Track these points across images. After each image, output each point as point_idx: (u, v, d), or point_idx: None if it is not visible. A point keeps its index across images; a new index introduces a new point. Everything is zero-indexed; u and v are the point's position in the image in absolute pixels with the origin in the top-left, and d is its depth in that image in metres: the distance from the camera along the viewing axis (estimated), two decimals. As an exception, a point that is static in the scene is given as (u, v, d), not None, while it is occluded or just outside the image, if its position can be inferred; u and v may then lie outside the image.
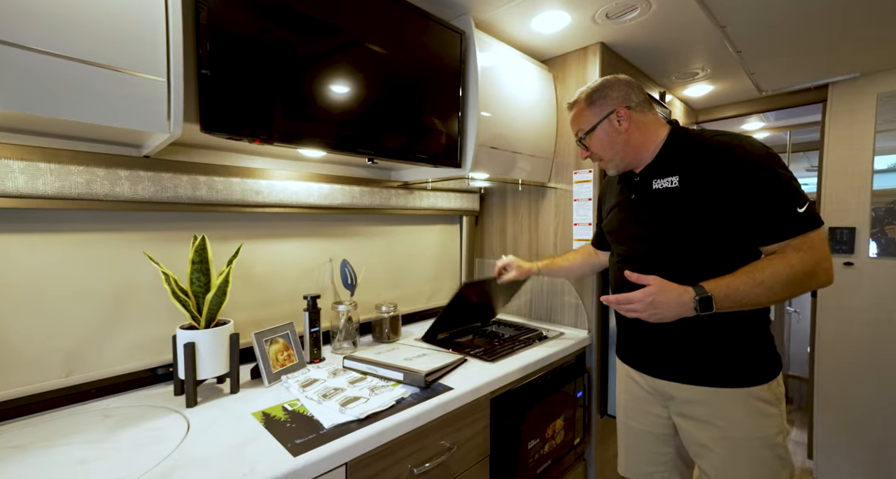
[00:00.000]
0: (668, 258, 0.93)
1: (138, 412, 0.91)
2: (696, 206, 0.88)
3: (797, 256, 0.80)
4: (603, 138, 0.98)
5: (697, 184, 0.88)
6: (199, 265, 0.98)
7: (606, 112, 0.97)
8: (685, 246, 0.91)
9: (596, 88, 0.99)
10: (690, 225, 0.89)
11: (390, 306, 1.47)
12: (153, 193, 0.99)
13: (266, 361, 1.09)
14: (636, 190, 1.01)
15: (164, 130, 0.71)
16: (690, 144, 0.92)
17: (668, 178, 0.93)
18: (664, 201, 0.94)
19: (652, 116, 0.98)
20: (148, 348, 1.06)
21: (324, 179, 1.36)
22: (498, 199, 1.90)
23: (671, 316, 0.85)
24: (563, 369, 1.45)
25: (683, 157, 0.92)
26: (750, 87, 2.13)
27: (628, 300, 0.87)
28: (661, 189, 0.94)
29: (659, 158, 0.96)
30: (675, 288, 0.84)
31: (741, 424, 0.89)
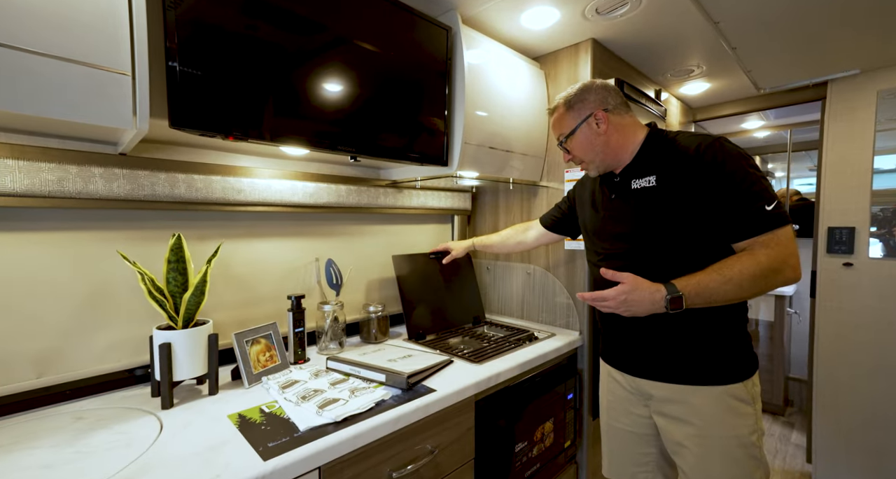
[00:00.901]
0: (647, 255, 0.96)
1: (112, 415, 0.89)
2: (673, 204, 0.91)
3: (764, 252, 0.82)
4: (583, 141, 1.01)
5: (673, 183, 0.91)
6: (176, 265, 0.96)
7: (585, 115, 1.00)
8: (663, 243, 0.93)
9: (574, 93, 1.03)
10: (668, 223, 0.92)
11: (378, 307, 1.45)
12: (129, 192, 0.97)
13: (246, 362, 1.07)
14: (616, 190, 1.03)
15: (129, 126, 0.70)
16: (666, 146, 0.96)
17: (646, 177, 0.96)
18: (643, 200, 0.97)
19: (629, 119, 1.02)
20: (125, 349, 1.05)
21: (309, 177, 1.34)
22: (490, 198, 1.88)
23: (642, 312, 0.88)
24: (554, 371, 1.42)
25: (660, 157, 0.95)
26: (748, 84, 2.10)
27: (602, 298, 0.90)
28: (640, 189, 0.97)
29: (637, 158, 0.99)
30: (647, 286, 0.87)
31: (716, 422, 0.91)
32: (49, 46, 0.63)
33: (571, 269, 1.58)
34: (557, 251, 1.62)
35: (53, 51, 0.63)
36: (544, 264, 1.67)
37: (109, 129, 0.77)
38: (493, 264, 1.87)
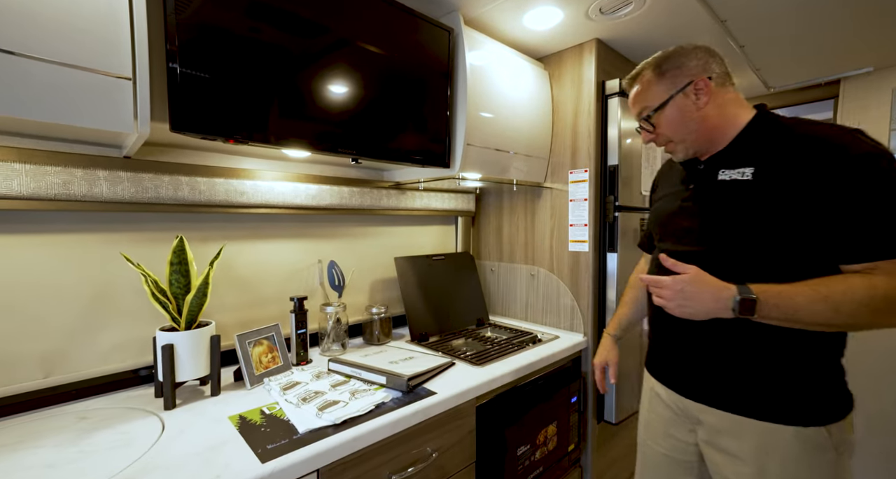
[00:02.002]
0: (722, 265, 0.77)
1: (115, 415, 0.91)
2: (770, 206, 0.73)
3: (885, 279, 0.65)
4: (675, 116, 0.83)
5: (776, 179, 0.73)
6: (178, 266, 0.97)
7: (682, 84, 0.81)
8: (746, 253, 0.76)
9: (666, 56, 0.84)
10: (758, 228, 0.75)
11: (381, 308, 1.45)
12: (133, 194, 0.99)
13: (248, 363, 1.08)
14: (696, 180, 0.87)
15: (130, 130, 0.71)
16: (777, 133, 0.77)
17: (739, 169, 0.79)
18: (729, 196, 0.79)
19: (733, 95, 0.83)
20: (130, 350, 1.06)
21: (311, 179, 1.35)
22: (494, 199, 1.87)
23: (702, 312, 0.73)
24: (557, 373, 1.41)
25: (765, 146, 0.77)
26: (757, 83, 2.07)
27: (657, 283, 0.77)
28: (729, 181, 0.80)
29: (734, 145, 0.82)
30: (713, 282, 0.73)
31: (780, 470, 0.74)
32: (50, 52, 0.64)
33: (576, 270, 1.57)
34: (562, 253, 1.61)
35: (54, 57, 0.64)
36: (548, 266, 1.66)
37: (112, 132, 0.79)
38: (497, 266, 1.86)
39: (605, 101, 1.55)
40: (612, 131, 1.53)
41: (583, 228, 1.54)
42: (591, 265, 1.52)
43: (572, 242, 1.57)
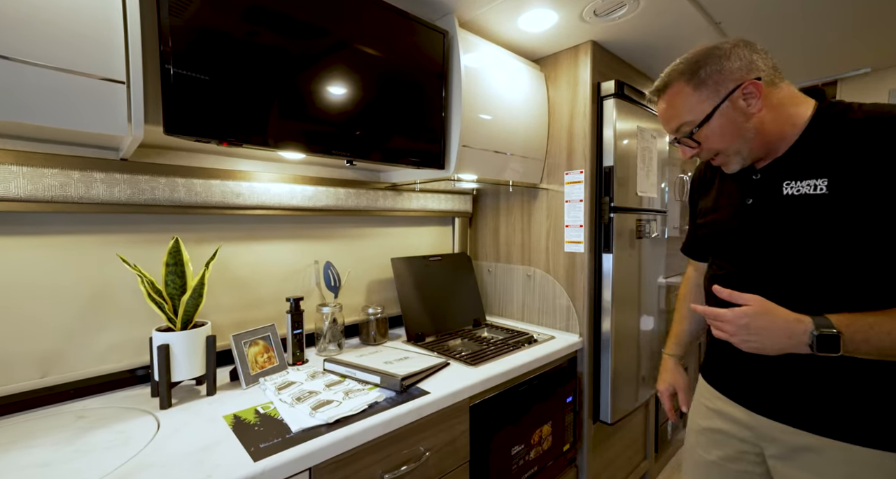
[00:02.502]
0: (790, 289, 0.70)
1: (112, 414, 0.92)
2: (853, 222, 0.63)
3: None
4: (724, 128, 0.71)
5: (858, 191, 0.62)
6: (174, 267, 0.98)
7: (727, 91, 0.69)
8: (821, 275, 0.67)
9: (700, 59, 0.71)
10: (837, 248, 0.65)
11: (377, 309, 1.46)
12: (129, 196, 1.00)
13: (244, 363, 1.09)
14: (755, 194, 0.76)
15: (124, 133, 0.72)
16: (846, 130, 0.65)
17: (809, 180, 0.67)
18: (801, 214, 0.68)
19: (787, 90, 0.71)
20: (127, 350, 1.07)
21: (307, 180, 1.36)
22: (491, 200, 1.88)
23: (772, 348, 0.65)
24: (552, 373, 1.41)
25: (837, 148, 0.65)
26: (754, 84, 2.07)
27: (717, 317, 0.69)
28: (799, 196, 0.69)
29: (796, 149, 0.70)
30: (782, 314, 0.64)
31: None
32: (44, 57, 0.65)
33: (571, 271, 1.58)
34: (558, 253, 1.62)
35: (49, 61, 0.65)
36: (545, 267, 1.67)
37: (107, 135, 0.80)
38: (494, 266, 1.87)
39: (601, 102, 1.55)
40: (607, 132, 1.54)
41: (578, 228, 1.55)
42: (587, 266, 1.53)
43: (568, 242, 1.58)
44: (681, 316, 1.08)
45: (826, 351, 0.61)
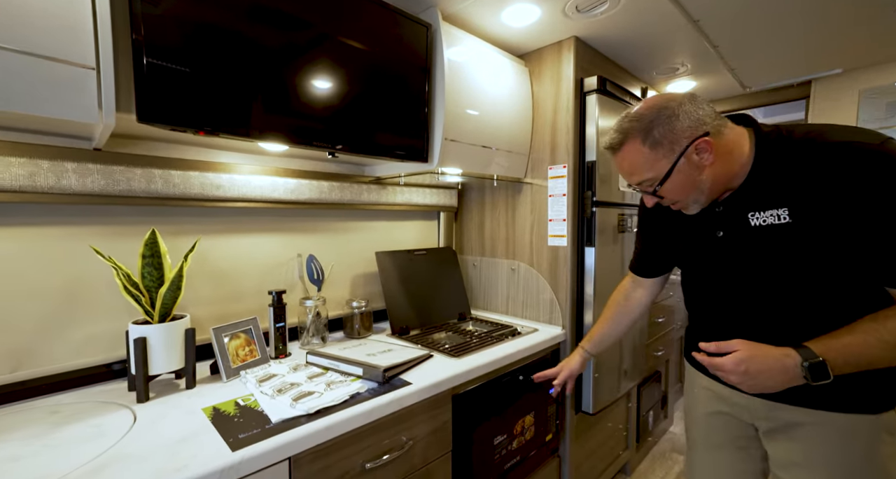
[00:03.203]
0: (767, 307, 0.78)
1: (87, 408, 0.90)
2: (817, 245, 0.69)
3: None
4: (682, 182, 0.76)
5: (818, 217, 0.68)
6: (151, 259, 0.96)
7: (681, 149, 0.73)
8: (798, 295, 0.74)
9: (653, 119, 0.74)
10: (810, 270, 0.71)
11: (361, 302, 1.46)
12: (104, 187, 0.98)
13: (224, 356, 1.08)
14: (724, 226, 0.81)
15: (95, 120, 0.70)
16: (795, 155, 0.70)
17: (771, 210, 0.73)
18: (770, 243, 0.74)
19: (729, 133, 0.75)
20: (102, 344, 1.05)
21: (290, 173, 1.35)
22: (476, 195, 1.88)
23: (774, 387, 0.69)
24: (535, 365, 1.43)
25: (788, 177, 0.71)
26: (734, 83, 2.12)
27: (719, 368, 0.73)
28: (765, 226, 0.74)
29: (751, 181, 0.75)
30: (770, 352, 0.69)
31: (855, 457, 0.74)
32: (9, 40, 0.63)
33: (554, 264, 1.60)
34: (541, 247, 1.64)
35: (14, 45, 0.63)
36: (528, 260, 1.68)
37: (78, 123, 0.78)
38: (479, 260, 1.88)
39: (584, 98, 1.57)
40: (590, 128, 1.56)
41: (561, 222, 1.57)
42: (570, 259, 1.55)
43: (551, 236, 1.60)
44: (604, 318, 1.16)
45: (819, 380, 0.66)
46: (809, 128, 0.72)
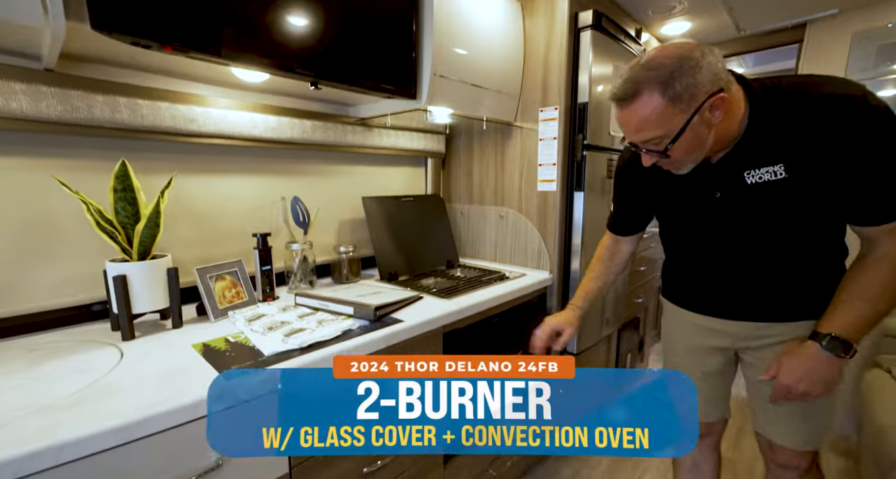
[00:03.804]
0: (770, 249, 0.82)
1: (68, 346, 0.87)
2: (810, 198, 0.73)
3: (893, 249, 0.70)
4: (690, 141, 0.71)
5: (812, 170, 0.70)
6: (123, 194, 0.90)
7: (697, 105, 0.68)
8: (789, 244, 0.80)
9: (674, 71, 0.67)
10: (803, 221, 0.77)
11: (349, 247, 1.43)
12: (62, 113, 0.89)
13: (210, 296, 1.05)
14: (720, 186, 0.81)
15: (40, 23, 0.62)
16: (787, 109, 0.71)
17: (767, 167, 0.74)
18: (766, 199, 0.76)
19: (735, 87, 0.72)
20: (81, 284, 1.01)
21: (270, 110, 1.26)
22: (464, 141, 1.83)
23: (831, 382, 0.76)
24: (523, 308, 1.46)
25: (784, 133, 0.71)
26: (727, 25, 2.05)
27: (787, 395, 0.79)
28: (762, 183, 0.75)
29: (747, 139, 0.75)
30: (805, 355, 0.76)
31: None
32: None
33: (544, 210, 1.59)
34: (531, 193, 1.62)
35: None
36: (517, 207, 1.67)
37: (19, 28, 0.68)
38: (466, 208, 1.86)
39: (578, 34, 1.49)
40: (583, 67, 1.49)
41: (551, 167, 1.54)
42: (559, 204, 1.54)
43: (541, 181, 1.58)
44: (592, 276, 1.15)
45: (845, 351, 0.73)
46: (796, 80, 0.72)
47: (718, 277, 0.91)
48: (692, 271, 0.97)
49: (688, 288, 1.00)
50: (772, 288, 0.85)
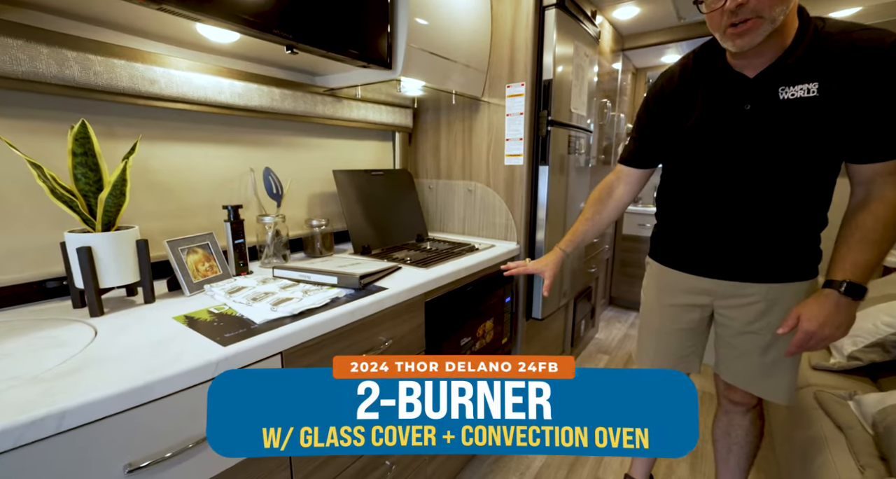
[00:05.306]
0: (775, 187, 0.86)
1: (26, 325, 0.80)
2: (836, 123, 0.77)
3: (893, 190, 0.77)
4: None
5: (842, 94, 0.75)
6: (84, 158, 0.83)
7: None
8: (801, 173, 0.83)
9: None
10: (826, 146, 0.79)
11: (322, 221, 1.41)
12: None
13: (184, 269, 1.01)
14: (752, 99, 0.82)
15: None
16: (825, 42, 0.76)
17: (801, 85, 0.77)
18: (797, 118, 0.79)
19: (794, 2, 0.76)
20: (27, 259, 0.91)
21: (236, 75, 1.19)
22: (432, 116, 1.84)
23: (846, 318, 0.81)
24: (493, 277, 1.53)
25: (820, 59, 0.76)
26: (671, 12, 2.21)
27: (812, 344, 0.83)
28: (794, 99, 0.78)
29: (789, 55, 0.77)
30: (823, 302, 0.81)
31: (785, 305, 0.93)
32: None
33: (511, 183, 1.66)
34: (498, 167, 1.68)
35: None
36: (485, 181, 1.73)
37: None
38: (434, 183, 1.88)
39: (543, 12, 1.55)
40: (547, 45, 1.56)
41: (518, 142, 1.61)
42: (525, 178, 1.62)
43: (508, 156, 1.64)
44: (584, 217, 1.17)
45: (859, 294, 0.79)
46: (843, 25, 0.77)
47: (712, 227, 0.96)
48: (687, 225, 1.02)
49: (678, 246, 1.06)
50: (756, 245, 0.92)
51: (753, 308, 0.96)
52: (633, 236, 3.08)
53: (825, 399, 1.11)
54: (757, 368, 0.99)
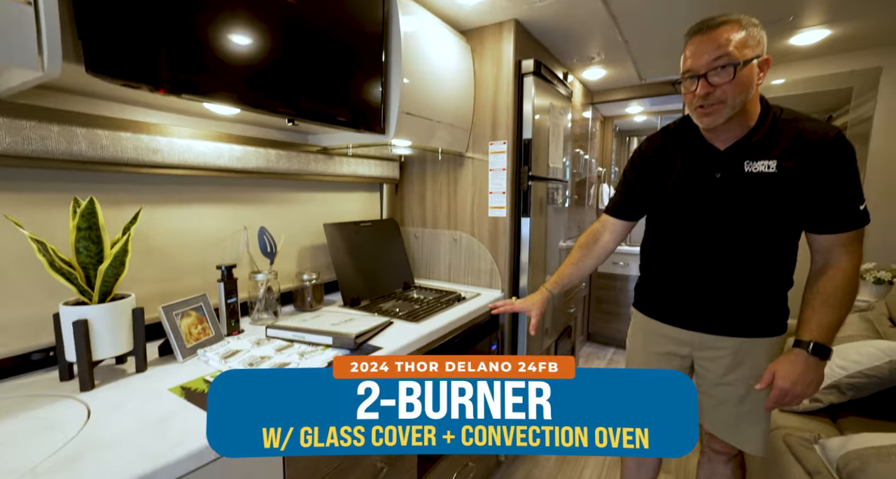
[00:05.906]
0: (743, 249, 0.95)
1: (13, 404, 0.78)
2: (791, 197, 0.88)
3: (847, 258, 0.88)
4: (748, 78, 0.84)
5: (796, 173, 0.86)
6: (88, 232, 0.84)
7: (759, 52, 0.85)
8: (765, 237, 0.93)
9: (745, 20, 0.85)
10: (781, 217, 0.91)
11: (313, 275, 1.44)
12: (10, 145, 0.80)
13: (178, 335, 1.00)
14: (722, 169, 0.94)
15: (34, 67, 0.59)
16: (785, 125, 0.89)
17: (762, 161, 0.89)
18: (759, 189, 0.90)
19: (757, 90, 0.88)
20: (12, 333, 0.89)
21: (235, 139, 1.24)
22: (418, 168, 1.92)
23: (815, 376, 0.88)
24: (480, 326, 1.58)
25: (780, 139, 0.88)
26: (633, 74, 2.43)
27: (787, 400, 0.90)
28: (757, 173, 0.90)
29: (753, 134, 0.90)
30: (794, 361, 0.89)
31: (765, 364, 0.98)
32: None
33: (495, 234, 1.74)
34: (482, 218, 1.76)
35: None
36: (469, 230, 1.80)
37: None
38: (420, 232, 1.94)
39: (521, 79, 1.69)
40: (526, 107, 1.69)
41: (501, 195, 1.70)
42: (509, 229, 1.70)
43: (492, 208, 1.73)
44: (570, 261, 1.23)
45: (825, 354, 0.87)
46: (794, 114, 0.91)
47: (688, 282, 1.04)
48: (666, 278, 1.10)
49: (659, 298, 1.13)
50: (727, 300, 1.00)
51: (726, 361, 1.03)
52: (608, 274, 3.21)
53: (793, 444, 1.19)
54: (733, 417, 1.05)
